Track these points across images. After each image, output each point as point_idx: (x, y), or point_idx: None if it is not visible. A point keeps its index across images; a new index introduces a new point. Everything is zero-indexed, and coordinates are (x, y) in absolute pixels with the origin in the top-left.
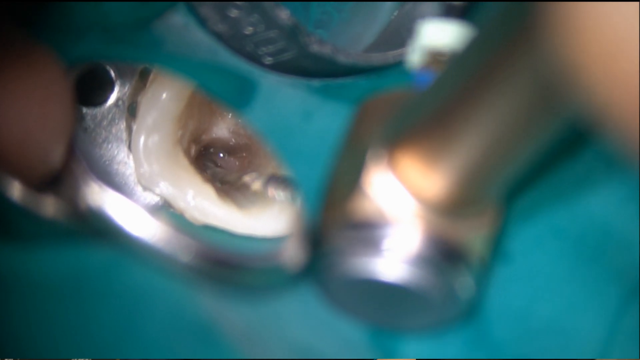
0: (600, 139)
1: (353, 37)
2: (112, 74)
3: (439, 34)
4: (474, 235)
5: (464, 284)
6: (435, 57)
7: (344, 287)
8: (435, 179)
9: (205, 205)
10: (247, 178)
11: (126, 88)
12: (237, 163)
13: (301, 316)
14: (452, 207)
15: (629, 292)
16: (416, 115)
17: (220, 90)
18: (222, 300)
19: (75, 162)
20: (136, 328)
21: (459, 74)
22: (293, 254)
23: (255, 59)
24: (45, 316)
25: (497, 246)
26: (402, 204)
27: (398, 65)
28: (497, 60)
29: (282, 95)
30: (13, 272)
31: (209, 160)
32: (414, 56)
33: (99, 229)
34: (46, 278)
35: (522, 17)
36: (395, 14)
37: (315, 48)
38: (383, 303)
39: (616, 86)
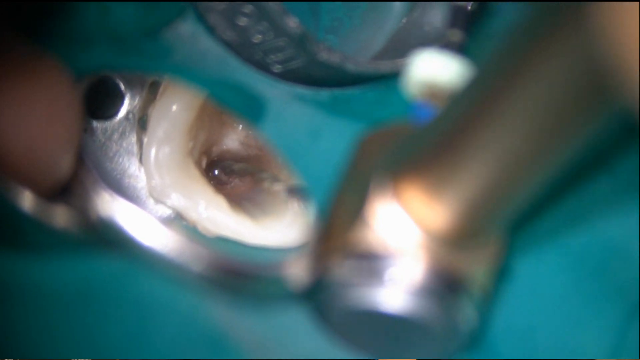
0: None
1: (361, 45)
2: (122, 87)
3: (434, 67)
4: (477, 267)
5: (467, 316)
6: (433, 91)
7: (345, 318)
8: (440, 210)
9: (217, 216)
10: (264, 184)
11: (136, 101)
12: (248, 174)
13: (312, 327)
14: (456, 238)
15: (633, 308)
16: (421, 145)
17: (229, 100)
18: (233, 311)
19: (85, 172)
20: (146, 338)
21: (467, 102)
22: (305, 265)
23: (264, 67)
24: (55, 326)
25: (500, 278)
26: (405, 235)
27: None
28: (507, 84)
29: (290, 112)
30: (24, 282)
31: (220, 171)
32: (410, 89)
33: (110, 239)
34: (57, 288)
35: (549, 26)
36: (403, 21)
37: (323, 56)
38: (385, 333)
39: None
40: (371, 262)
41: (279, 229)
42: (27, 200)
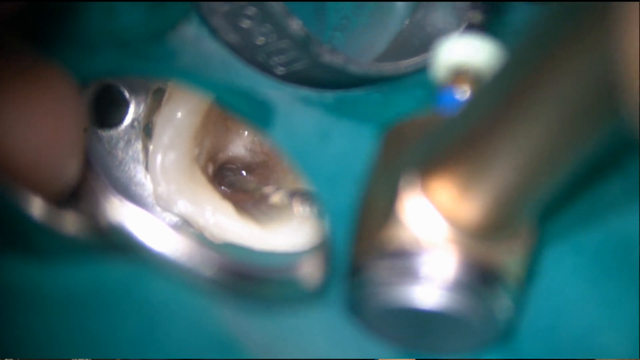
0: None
1: (365, 46)
2: (126, 94)
3: (464, 51)
4: (509, 257)
5: (503, 306)
6: (459, 75)
7: (381, 316)
8: (470, 204)
9: (224, 221)
10: (265, 191)
11: (141, 108)
12: (254, 180)
13: (322, 331)
14: (487, 231)
15: None
16: (449, 140)
17: (235, 104)
18: (243, 315)
19: (94, 177)
20: (156, 344)
21: (496, 93)
22: (313, 268)
23: (267, 69)
24: (65, 332)
25: (532, 266)
26: (436, 230)
27: (410, 75)
28: (540, 76)
29: (297, 115)
30: (34, 288)
31: (227, 178)
32: (438, 74)
33: (119, 244)
34: (67, 294)
35: (574, 25)
36: (406, 22)
37: (326, 58)
38: (421, 329)
39: None
40: (405, 260)
41: (286, 233)
42: (36, 207)
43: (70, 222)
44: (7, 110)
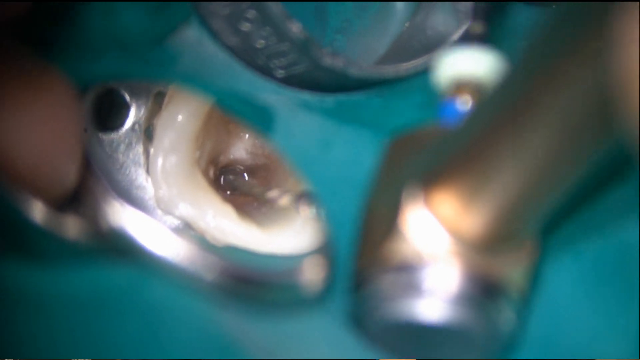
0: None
1: (365, 49)
2: (127, 98)
3: (465, 63)
4: (513, 270)
5: (506, 318)
6: (460, 86)
7: (385, 330)
8: (473, 217)
9: (225, 224)
10: (268, 194)
11: (142, 112)
12: (256, 183)
13: (324, 335)
14: (490, 244)
15: None
16: (451, 152)
17: (236, 108)
18: (244, 319)
19: (95, 181)
20: (158, 348)
21: (498, 106)
22: (315, 272)
23: (267, 72)
24: (66, 336)
25: (536, 278)
26: (439, 243)
27: (410, 78)
28: (540, 88)
29: (298, 121)
30: (35, 292)
31: (228, 180)
32: (440, 86)
33: (121, 248)
34: (68, 298)
35: (576, 37)
36: (406, 25)
37: (327, 61)
38: (425, 342)
39: None
40: (408, 274)
41: (287, 237)
42: (37, 211)
43: (71, 226)
44: (7, 115)
